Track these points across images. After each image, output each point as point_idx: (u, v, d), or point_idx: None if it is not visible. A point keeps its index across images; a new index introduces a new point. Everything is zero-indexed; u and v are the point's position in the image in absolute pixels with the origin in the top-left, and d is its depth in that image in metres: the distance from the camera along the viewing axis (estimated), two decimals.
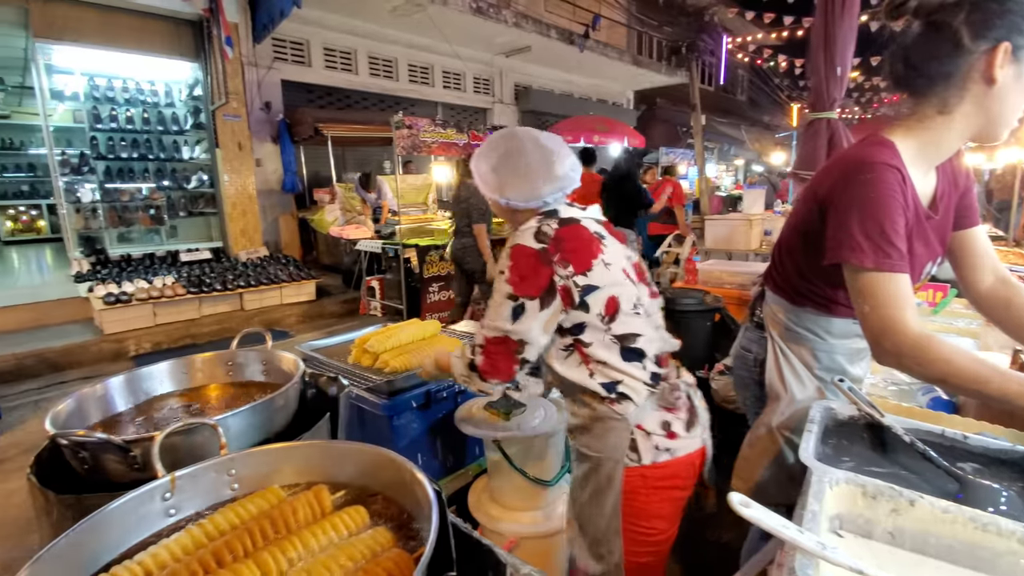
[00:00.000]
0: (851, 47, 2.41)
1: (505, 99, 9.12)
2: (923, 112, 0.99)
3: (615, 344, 1.08)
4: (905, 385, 1.31)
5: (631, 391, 1.08)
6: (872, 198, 0.93)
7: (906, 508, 0.72)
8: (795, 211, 1.17)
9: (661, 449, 1.10)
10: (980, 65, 0.91)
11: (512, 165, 1.13)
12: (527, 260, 1.05)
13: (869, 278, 0.92)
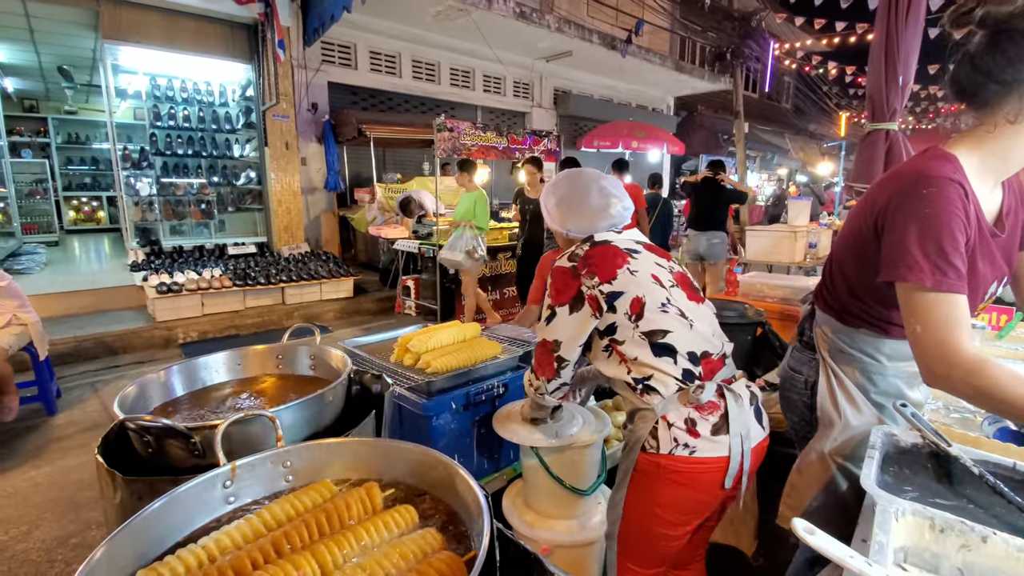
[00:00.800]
0: (915, 56, 2.32)
1: (544, 104, 9.12)
2: (991, 122, 0.95)
3: (644, 340, 1.17)
4: (969, 413, 1.24)
5: (660, 384, 1.15)
6: (931, 214, 0.90)
7: (977, 544, 0.68)
8: (848, 226, 1.12)
9: (680, 443, 1.12)
10: None
11: (576, 205, 1.34)
12: (562, 277, 1.25)
13: (925, 298, 0.89)
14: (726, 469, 1.13)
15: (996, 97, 0.93)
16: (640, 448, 1.16)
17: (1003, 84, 0.92)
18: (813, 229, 5.51)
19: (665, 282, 1.23)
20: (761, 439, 1.21)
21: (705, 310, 1.26)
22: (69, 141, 8.74)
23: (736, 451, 1.13)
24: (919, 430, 0.94)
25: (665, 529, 1.19)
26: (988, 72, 0.93)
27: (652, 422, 1.15)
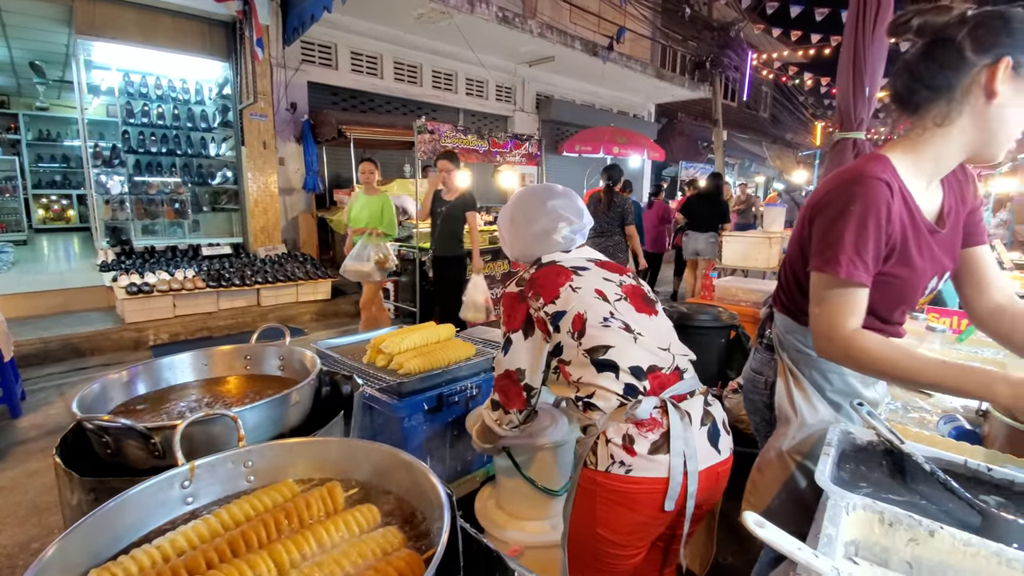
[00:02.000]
0: (881, 68, 2.39)
1: (526, 108, 9.17)
2: (922, 126, 1.01)
3: (587, 358, 1.14)
4: (925, 413, 1.28)
5: (601, 400, 1.12)
6: (855, 211, 0.97)
7: (925, 538, 0.70)
8: (796, 227, 1.16)
9: (616, 460, 1.06)
10: (981, 78, 0.93)
11: (521, 230, 1.34)
12: (511, 302, 1.25)
13: (832, 283, 0.99)
14: (665, 491, 1.06)
15: (926, 102, 0.99)
16: (583, 463, 1.12)
17: (933, 89, 0.98)
18: (787, 235, 5.64)
19: (611, 296, 1.21)
20: (715, 462, 1.11)
21: (658, 322, 1.23)
22: (40, 138, 8.49)
23: (677, 472, 1.05)
24: (874, 428, 0.97)
25: (610, 549, 1.12)
26: (920, 78, 0.99)
27: (594, 437, 1.10)
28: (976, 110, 0.95)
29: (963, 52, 0.93)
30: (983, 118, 0.95)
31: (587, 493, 1.11)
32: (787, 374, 1.21)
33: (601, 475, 1.07)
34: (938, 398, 1.32)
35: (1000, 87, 0.92)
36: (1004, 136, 0.97)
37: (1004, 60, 0.90)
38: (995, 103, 0.93)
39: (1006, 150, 0.99)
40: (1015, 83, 0.92)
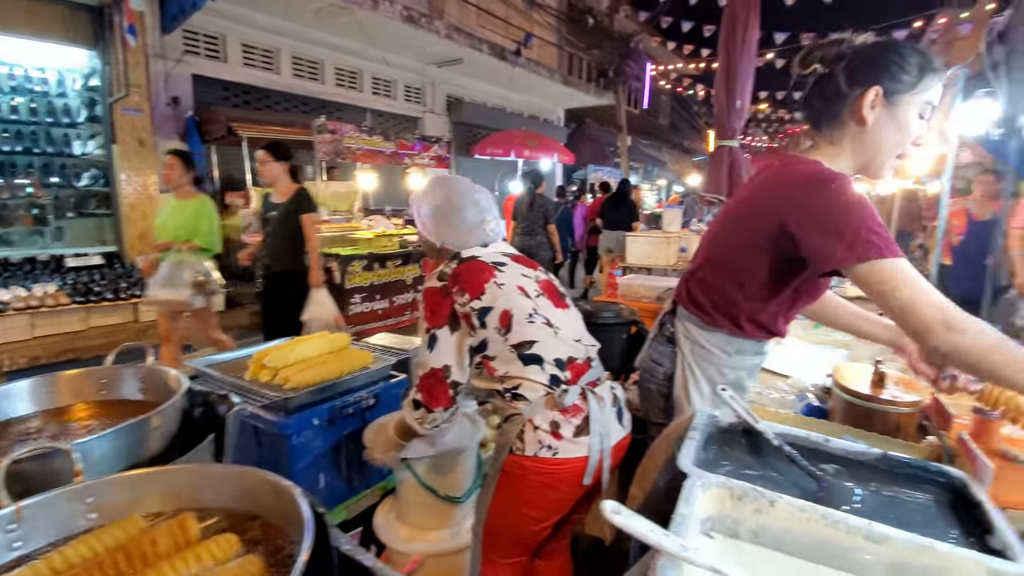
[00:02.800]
0: (750, 83, 2.63)
1: (437, 109, 9.09)
2: (820, 143, 1.13)
3: (513, 352, 1.21)
4: (785, 392, 1.43)
5: (528, 391, 1.21)
6: (854, 199, 0.97)
7: (767, 508, 0.77)
8: (730, 235, 1.19)
9: (544, 445, 1.18)
10: (854, 108, 1.04)
11: (450, 218, 1.33)
12: (432, 297, 1.25)
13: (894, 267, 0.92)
14: (585, 467, 1.21)
15: (823, 125, 1.11)
16: (508, 450, 1.21)
17: (825, 114, 1.10)
18: (685, 235, 6.07)
19: (531, 292, 1.28)
20: (621, 437, 1.29)
21: (571, 316, 1.34)
22: None
23: (595, 450, 1.20)
24: (735, 410, 1.06)
25: (532, 526, 1.24)
26: (815, 105, 1.11)
27: (520, 425, 1.20)
28: (854, 134, 1.07)
29: (839, 84, 1.05)
30: (860, 142, 1.07)
31: (514, 477, 1.21)
32: (686, 367, 1.28)
33: (529, 459, 1.18)
34: (795, 379, 1.47)
35: (868, 115, 1.03)
36: (881, 158, 1.07)
37: (872, 89, 1.01)
38: (867, 129, 1.04)
39: (888, 168, 1.10)
40: (887, 110, 1.03)
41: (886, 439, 1.09)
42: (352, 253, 4.53)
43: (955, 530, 0.84)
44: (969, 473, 0.92)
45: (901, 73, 1.01)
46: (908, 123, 1.04)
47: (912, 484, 0.94)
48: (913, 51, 1.03)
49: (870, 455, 0.97)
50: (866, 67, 1.02)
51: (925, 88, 1.02)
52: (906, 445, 1.08)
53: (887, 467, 0.96)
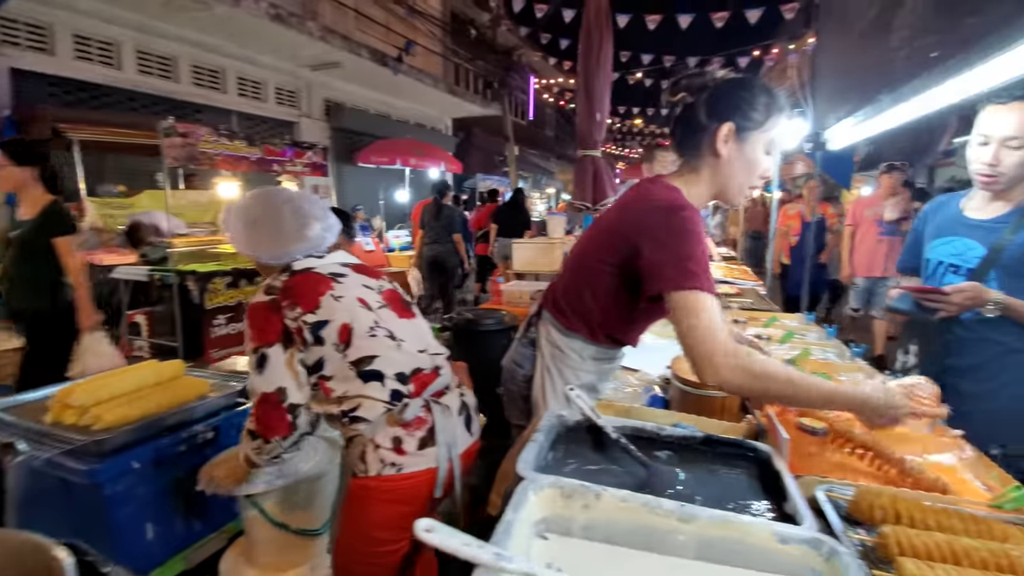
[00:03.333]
0: (607, 97, 2.81)
1: (314, 114, 8.63)
2: (685, 169, 1.19)
3: (352, 369, 1.17)
4: (637, 387, 1.51)
5: (366, 411, 1.16)
6: (690, 231, 1.03)
7: (594, 502, 0.79)
8: (598, 244, 1.21)
9: (387, 463, 1.15)
10: (710, 140, 1.10)
11: (265, 228, 1.25)
12: (259, 313, 1.17)
13: (699, 301, 0.98)
14: (435, 479, 1.19)
15: (684, 152, 1.17)
16: (352, 474, 1.16)
17: (686, 144, 1.15)
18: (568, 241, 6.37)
19: (373, 304, 1.25)
20: (469, 444, 1.30)
21: (417, 325, 1.33)
22: None
23: (443, 460, 1.20)
24: (580, 408, 1.09)
25: (382, 548, 1.18)
26: (677, 134, 1.17)
27: (361, 446, 1.16)
28: (711, 165, 1.13)
29: (699, 117, 1.10)
30: (717, 172, 1.13)
31: (359, 500, 1.16)
32: (544, 370, 1.29)
33: (373, 479, 1.15)
34: (643, 373, 1.57)
35: (722, 149, 1.09)
36: (734, 187, 1.15)
37: (726, 125, 1.07)
38: (722, 161, 1.11)
39: (742, 196, 1.18)
40: (739, 145, 1.09)
41: (714, 422, 1.19)
42: (214, 269, 4.10)
43: (762, 500, 0.94)
44: (775, 447, 1.03)
45: (751, 111, 1.08)
46: (756, 158, 1.11)
47: (730, 461, 1.04)
48: (763, 91, 1.09)
49: (695, 439, 1.06)
50: (722, 103, 1.08)
51: (771, 127, 1.10)
52: (730, 426, 1.18)
53: (710, 448, 1.05)
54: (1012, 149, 1.33)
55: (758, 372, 0.93)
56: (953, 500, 0.88)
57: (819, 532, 0.74)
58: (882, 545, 0.72)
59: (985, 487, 1.00)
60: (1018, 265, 1.38)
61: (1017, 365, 1.42)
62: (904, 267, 1.77)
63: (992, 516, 0.84)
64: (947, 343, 1.49)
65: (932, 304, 1.44)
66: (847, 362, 1.70)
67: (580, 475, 1.00)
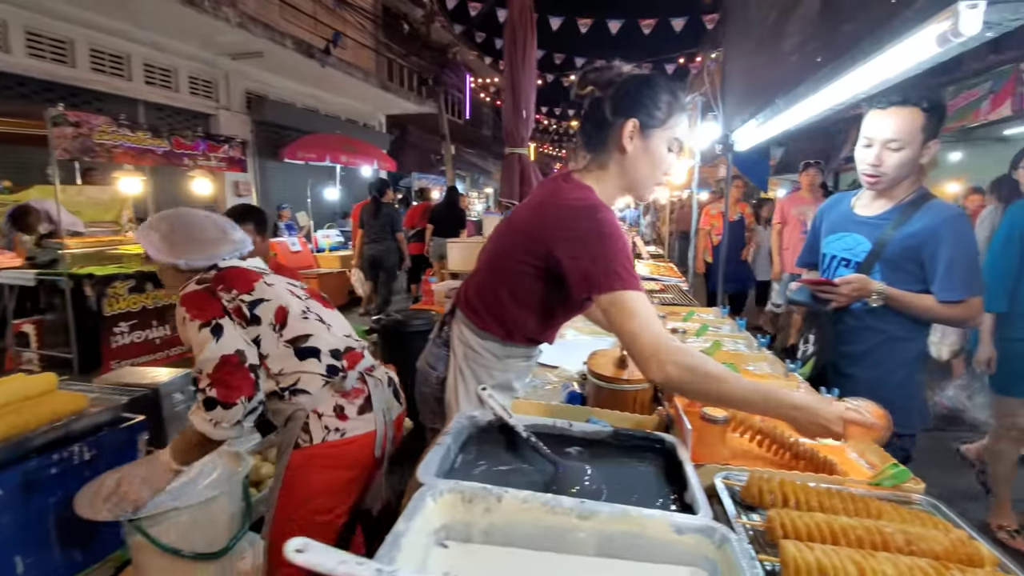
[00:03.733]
0: (533, 95, 2.82)
1: (234, 106, 8.11)
2: (593, 165, 1.18)
3: (289, 347, 1.28)
4: (556, 383, 1.51)
5: (307, 384, 1.27)
6: (610, 233, 1.02)
7: (495, 505, 0.77)
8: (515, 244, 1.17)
9: (331, 429, 1.27)
10: (616, 136, 1.11)
11: (194, 235, 1.34)
12: (197, 297, 1.24)
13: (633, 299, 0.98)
14: (375, 440, 1.35)
15: (592, 149, 1.16)
16: (293, 446, 1.26)
17: (595, 139, 1.14)
18: None
19: (300, 295, 1.40)
20: (400, 412, 1.48)
21: (338, 315, 1.48)
22: None
23: (380, 424, 1.36)
24: (491, 408, 1.07)
25: (324, 515, 1.28)
26: (587, 129, 1.16)
27: (304, 419, 1.27)
28: (618, 161, 1.13)
29: (605, 113, 1.10)
30: (623, 167, 1.14)
31: (304, 469, 1.26)
32: (457, 371, 1.25)
33: (318, 447, 1.26)
34: (562, 369, 1.57)
35: (628, 145, 1.10)
36: (641, 183, 1.16)
37: (631, 122, 1.08)
38: (627, 157, 1.12)
39: (649, 192, 1.20)
40: (643, 142, 1.10)
41: (627, 415, 1.21)
42: (114, 272, 3.74)
43: (666, 490, 0.95)
44: (680, 437, 1.05)
45: (654, 109, 1.09)
46: (659, 155, 1.13)
47: (638, 454, 1.05)
48: (665, 89, 1.10)
49: (603, 433, 1.06)
50: (627, 100, 1.09)
51: (673, 125, 1.12)
52: (642, 418, 1.20)
53: (618, 442, 1.06)
54: (892, 151, 1.44)
55: (700, 369, 0.93)
56: (838, 480, 0.93)
57: (714, 520, 0.75)
58: (769, 529, 0.74)
59: (868, 465, 1.07)
60: (898, 258, 1.50)
61: (901, 351, 1.54)
62: (804, 262, 1.88)
63: (870, 494, 0.90)
64: (839, 332, 1.60)
65: (825, 295, 1.54)
66: (755, 352, 1.79)
67: (490, 476, 0.98)
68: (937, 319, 1.49)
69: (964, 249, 1.42)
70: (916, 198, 1.51)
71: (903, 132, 1.40)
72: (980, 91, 5.86)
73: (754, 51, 2.14)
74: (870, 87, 1.32)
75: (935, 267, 1.44)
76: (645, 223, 9.68)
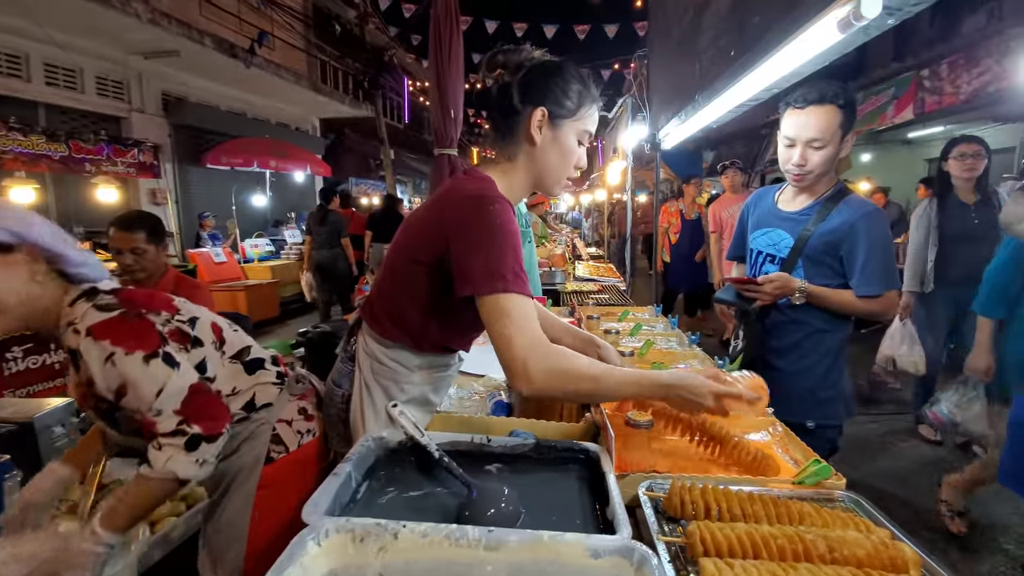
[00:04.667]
0: (461, 94, 2.73)
1: (148, 108, 7.53)
2: (501, 158, 1.10)
3: (236, 362, 1.18)
4: (484, 394, 1.43)
5: (265, 397, 1.18)
6: (499, 229, 0.94)
7: (392, 543, 0.68)
8: (408, 242, 1.08)
9: (303, 432, 1.22)
10: (524, 125, 1.03)
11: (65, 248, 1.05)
12: (121, 326, 0.99)
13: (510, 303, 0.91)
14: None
15: (500, 138, 1.07)
16: (265, 461, 1.15)
17: (503, 129, 1.06)
18: None
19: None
20: None
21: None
22: None
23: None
24: (402, 427, 0.97)
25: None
26: (494, 118, 1.07)
27: (269, 432, 1.17)
28: (527, 152, 1.06)
29: (514, 100, 1.02)
30: (532, 159, 1.06)
31: (281, 482, 1.15)
32: (362, 387, 1.14)
33: (295, 453, 1.18)
34: (488, 378, 1.49)
35: (536, 135, 1.03)
36: (551, 177, 1.09)
37: (539, 110, 1.01)
38: (536, 148, 1.04)
39: (559, 186, 1.13)
40: (552, 131, 1.04)
41: (553, 424, 1.14)
42: None
43: (589, 505, 0.89)
44: (606, 445, 1.00)
45: (564, 98, 1.03)
46: (569, 147, 1.07)
47: (562, 466, 0.98)
48: (575, 78, 1.05)
49: (525, 447, 0.99)
50: (535, 87, 1.03)
51: (583, 116, 1.06)
52: (569, 427, 1.13)
53: (540, 455, 0.99)
54: (815, 149, 1.46)
55: (571, 372, 0.89)
56: (761, 482, 0.90)
57: (633, 539, 0.69)
58: (689, 545, 0.69)
59: (793, 461, 1.05)
60: (818, 254, 1.53)
61: (825, 343, 1.57)
62: (733, 256, 1.90)
63: (793, 494, 0.87)
64: (767, 327, 1.62)
65: (750, 294, 1.55)
66: (686, 349, 1.78)
67: (399, 505, 0.89)
68: (856, 313, 1.52)
69: (880, 244, 1.46)
70: (834, 193, 1.54)
71: (823, 130, 1.42)
72: (885, 97, 6.33)
73: (675, 49, 2.16)
74: (781, 78, 1.33)
75: (853, 262, 1.47)
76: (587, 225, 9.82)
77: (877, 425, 3.44)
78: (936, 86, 5.52)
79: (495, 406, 1.30)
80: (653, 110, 2.95)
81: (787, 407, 1.49)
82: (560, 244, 5.99)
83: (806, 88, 1.43)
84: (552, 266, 3.82)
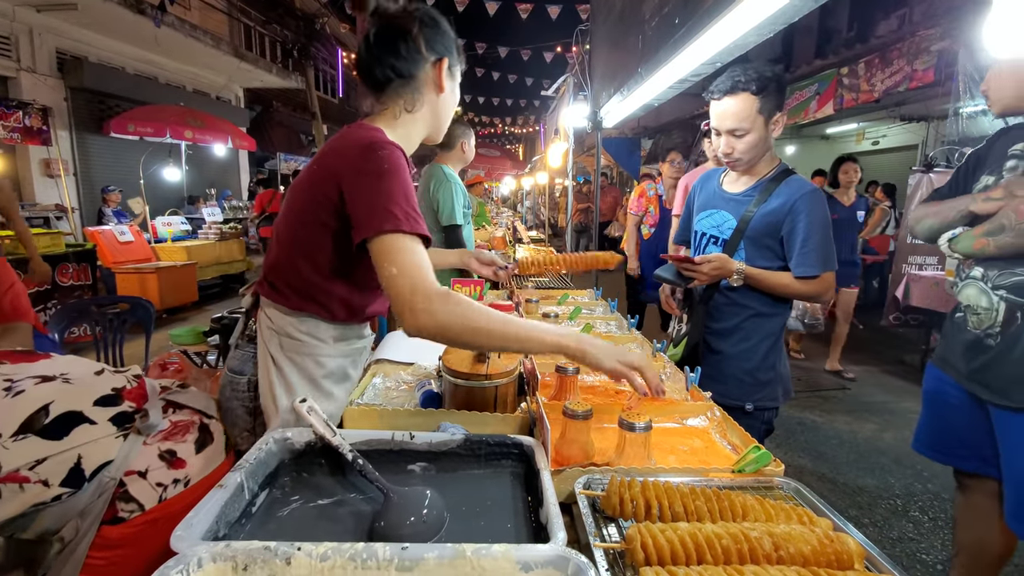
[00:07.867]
0: None
1: (40, 68, 6.64)
2: (393, 110, 1.04)
3: (22, 438, 0.85)
4: (412, 384, 1.31)
5: (98, 456, 0.88)
6: (388, 170, 0.91)
7: (283, 570, 0.56)
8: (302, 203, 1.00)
9: (169, 482, 0.95)
10: (432, 74, 1.03)
11: None
12: None
13: (402, 241, 0.87)
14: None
15: (398, 87, 1.02)
16: (108, 522, 0.89)
17: (401, 77, 1.01)
18: None
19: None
20: None
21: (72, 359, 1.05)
22: None
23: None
24: (311, 424, 0.84)
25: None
26: (388, 65, 1.00)
27: (108, 495, 0.89)
28: (431, 101, 1.06)
29: (419, 47, 1.01)
30: (435, 108, 1.08)
31: (135, 544, 0.91)
32: (270, 366, 1.03)
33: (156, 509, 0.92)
34: (417, 366, 1.38)
35: (446, 83, 1.05)
36: (445, 123, 1.13)
37: (445, 60, 1.03)
38: (442, 97, 1.07)
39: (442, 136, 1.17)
40: (451, 82, 1.07)
41: (486, 416, 1.05)
42: None
43: (522, 507, 0.80)
44: (541, 439, 0.92)
45: (454, 47, 1.07)
46: (457, 95, 1.12)
47: (493, 463, 0.89)
48: (449, 29, 1.07)
49: (453, 442, 0.89)
50: (438, 36, 1.03)
51: (459, 66, 1.10)
52: (504, 419, 1.06)
53: (470, 451, 0.89)
54: (737, 137, 1.46)
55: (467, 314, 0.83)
56: (702, 472, 0.85)
57: (568, 546, 0.62)
58: (630, 551, 0.62)
59: (731, 447, 1.02)
60: (759, 235, 1.52)
61: (766, 326, 1.57)
62: (680, 239, 1.88)
63: (734, 483, 0.83)
64: (708, 309, 1.60)
65: (688, 273, 1.52)
66: (625, 333, 1.75)
67: (305, 516, 0.77)
68: (794, 295, 1.53)
69: (818, 226, 1.46)
70: (777, 174, 1.53)
71: (741, 119, 1.43)
72: (808, 92, 6.66)
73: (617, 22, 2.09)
74: (724, 48, 1.28)
75: (792, 244, 1.47)
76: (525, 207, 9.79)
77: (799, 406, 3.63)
78: (854, 84, 5.87)
79: (424, 396, 1.19)
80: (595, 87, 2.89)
81: (727, 389, 1.48)
82: (500, 227, 5.89)
83: (721, 78, 1.46)
84: (492, 248, 3.73)
